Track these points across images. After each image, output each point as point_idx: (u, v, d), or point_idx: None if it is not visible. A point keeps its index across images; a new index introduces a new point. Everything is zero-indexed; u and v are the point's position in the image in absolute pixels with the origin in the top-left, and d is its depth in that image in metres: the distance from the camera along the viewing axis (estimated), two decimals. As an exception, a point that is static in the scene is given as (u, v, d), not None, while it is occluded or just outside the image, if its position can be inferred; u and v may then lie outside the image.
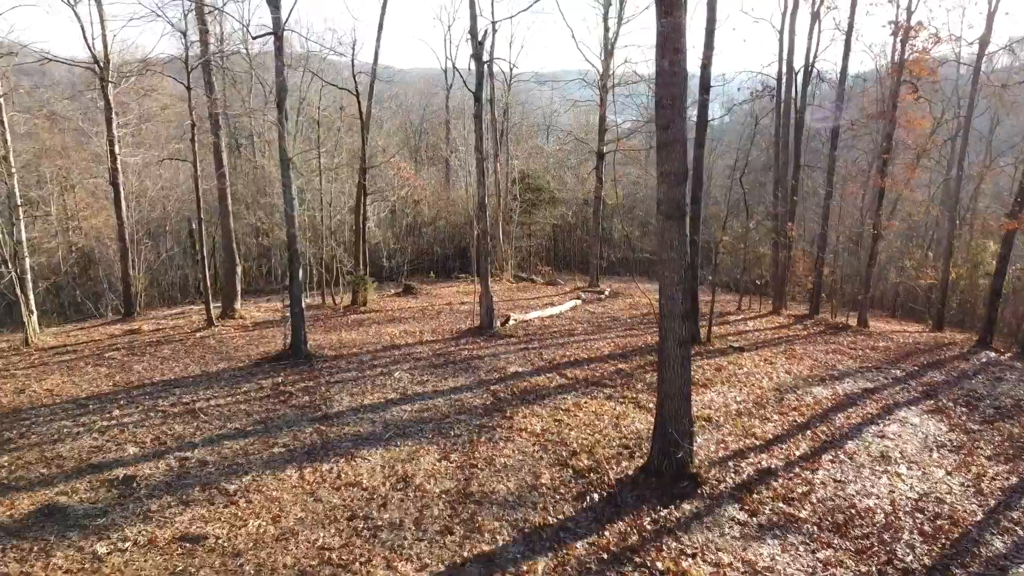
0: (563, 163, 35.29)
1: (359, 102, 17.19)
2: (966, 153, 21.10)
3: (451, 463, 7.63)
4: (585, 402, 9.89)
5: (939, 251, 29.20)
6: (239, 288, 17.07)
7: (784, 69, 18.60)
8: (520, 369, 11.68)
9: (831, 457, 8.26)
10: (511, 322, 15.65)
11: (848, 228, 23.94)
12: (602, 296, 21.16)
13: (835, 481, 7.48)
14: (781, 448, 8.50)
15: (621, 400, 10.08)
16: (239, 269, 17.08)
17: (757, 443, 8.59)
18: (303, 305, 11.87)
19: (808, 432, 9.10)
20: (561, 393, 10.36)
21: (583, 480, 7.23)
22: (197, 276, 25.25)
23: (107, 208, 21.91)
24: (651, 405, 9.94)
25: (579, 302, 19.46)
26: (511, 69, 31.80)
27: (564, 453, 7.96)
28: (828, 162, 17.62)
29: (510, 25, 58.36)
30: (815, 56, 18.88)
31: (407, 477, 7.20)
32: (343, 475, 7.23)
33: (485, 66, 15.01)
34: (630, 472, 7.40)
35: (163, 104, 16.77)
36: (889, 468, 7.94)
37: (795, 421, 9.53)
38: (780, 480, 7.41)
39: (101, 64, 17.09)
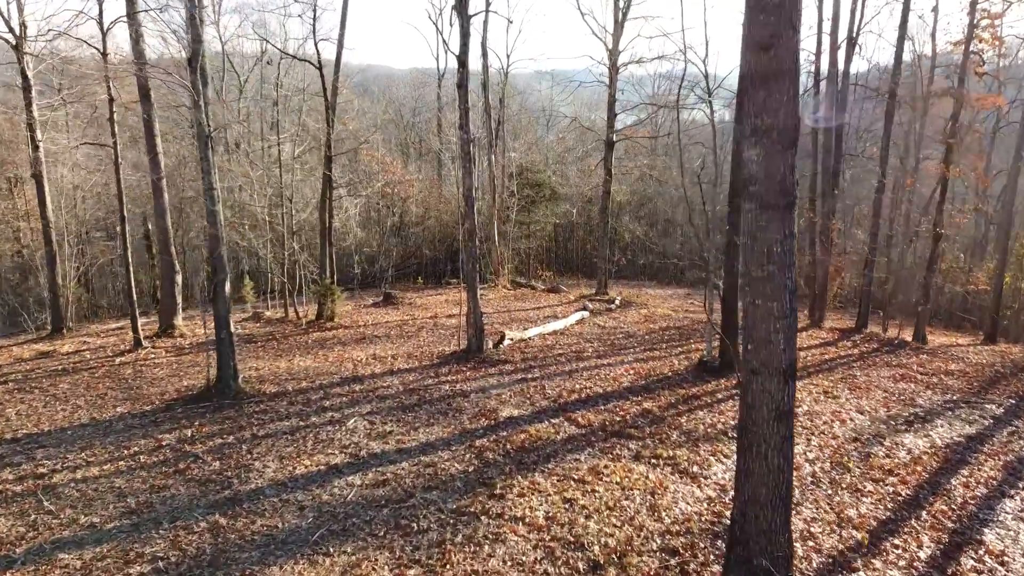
0: (564, 157, 32.51)
1: (322, 76, 14.36)
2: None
3: (407, 589, 4.90)
4: (606, 466, 7.16)
5: (977, 252, 26.60)
6: (179, 301, 14.21)
7: (828, 42, 15.86)
8: (516, 412, 8.91)
9: (974, 563, 5.58)
10: (506, 342, 12.89)
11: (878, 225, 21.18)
12: (612, 306, 18.39)
13: (1002, 616, 4.79)
14: (895, 545, 5.82)
15: (653, 461, 7.36)
16: (179, 278, 14.24)
17: (858, 535, 5.90)
18: (232, 328, 9.11)
19: (923, 514, 6.42)
20: (572, 451, 7.62)
21: (614, 626, 4.52)
22: (154, 282, 22.49)
23: (58, 207, 19.06)
24: (695, 468, 7.23)
25: (586, 313, 16.71)
26: (509, 46, 29.12)
27: (582, 566, 5.23)
28: (880, 149, 14.90)
29: (507, 8, 55.91)
30: (859, 26, 16.24)
31: (332, 626, 4.47)
32: (228, 624, 4.49)
33: (472, 26, 12.27)
34: (689, 612, 4.69)
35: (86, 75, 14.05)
36: (1068, 584, 5.25)
37: (897, 494, 6.85)
38: (921, 618, 4.71)
39: (16, 33, 14.31)
